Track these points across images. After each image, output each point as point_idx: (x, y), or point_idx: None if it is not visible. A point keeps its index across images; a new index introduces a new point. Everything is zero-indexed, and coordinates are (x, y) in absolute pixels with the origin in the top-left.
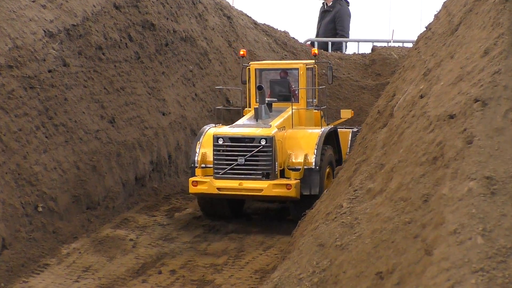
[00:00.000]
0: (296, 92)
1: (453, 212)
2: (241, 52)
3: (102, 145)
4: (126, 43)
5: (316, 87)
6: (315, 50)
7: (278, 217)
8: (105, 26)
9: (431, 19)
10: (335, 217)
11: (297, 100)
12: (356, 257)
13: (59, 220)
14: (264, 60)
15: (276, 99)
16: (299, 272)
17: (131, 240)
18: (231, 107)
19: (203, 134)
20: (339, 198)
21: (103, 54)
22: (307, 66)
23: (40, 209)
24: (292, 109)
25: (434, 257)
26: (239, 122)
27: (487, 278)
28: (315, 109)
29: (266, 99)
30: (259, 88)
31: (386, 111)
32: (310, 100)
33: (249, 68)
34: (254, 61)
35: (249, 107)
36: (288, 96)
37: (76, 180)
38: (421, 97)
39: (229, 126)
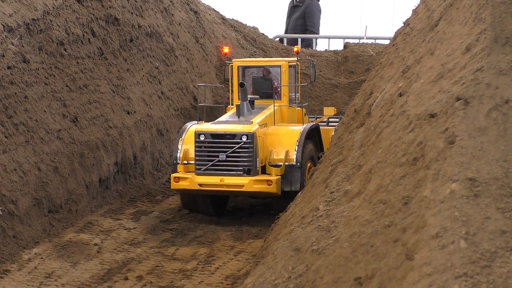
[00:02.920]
0: (279, 89)
1: (434, 215)
2: (225, 50)
3: (65, 145)
4: (88, 39)
5: (299, 84)
6: (297, 47)
7: (249, 216)
8: (66, 20)
9: (403, 15)
10: (311, 220)
11: (279, 98)
12: (334, 262)
13: (19, 224)
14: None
15: (258, 96)
16: (274, 277)
17: (95, 244)
18: (215, 105)
19: (185, 131)
20: (314, 200)
21: (65, 50)
22: (290, 64)
23: None
24: (274, 106)
25: (416, 262)
26: (221, 118)
27: (471, 283)
28: (298, 107)
29: (248, 96)
30: (241, 85)
31: (363, 110)
32: (292, 97)
33: (231, 66)
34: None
35: (232, 104)
36: (270, 93)
37: (37, 182)
38: (400, 95)
39: (210, 122)
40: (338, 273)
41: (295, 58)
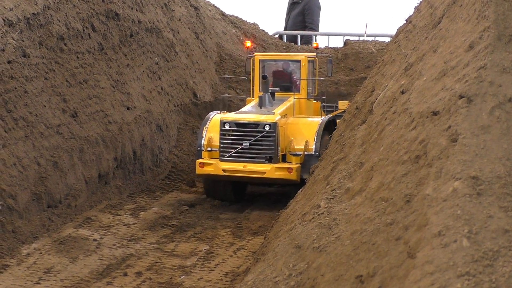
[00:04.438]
0: (298, 82)
1: (437, 213)
2: (248, 44)
3: (64, 140)
4: (89, 34)
5: (317, 78)
6: (316, 43)
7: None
8: (67, 15)
9: (403, 12)
10: (312, 218)
11: (298, 91)
12: (335, 259)
13: (18, 219)
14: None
15: (278, 89)
16: (274, 275)
17: (94, 240)
18: (236, 96)
19: (209, 119)
20: (316, 197)
21: (65, 44)
22: (309, 59)
23: None
24: (294, 98)
25: (418, 260)
26: (244, 108)
27: (473, 282)
28: (315, 100)
29: (270, 88)
30: (264, 77)
31: (365, 107)
32: (310, 90)
33: (253, 59)
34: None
35: (253, 96)
36: (289, 86)
37: (36, 177)
38: (402, 92)
39: (234, 112)
40: (339, 271)
41: (314, 54)
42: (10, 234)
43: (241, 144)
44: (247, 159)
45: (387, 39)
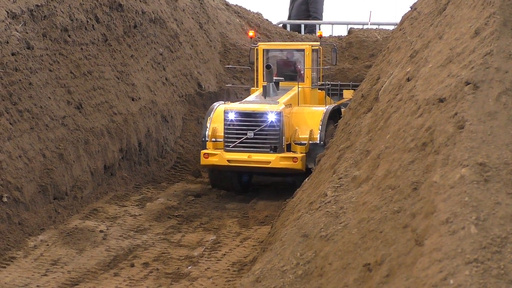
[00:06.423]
0: (302, 72)
1: (444, 200)
2: (250, 34)
3: (69, 132)
4: (93, 25)
5: (321, 67)
6: (320, 32)
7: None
8: (70, 6)
9: (406, 0)
10: (319, 206)
11: (302, 80)
12: (342, 248)
13: (25, 211)
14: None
15: (282, 78)
16: (282, 264)
17: (101, 231)
18: (240, 86)
19: (214, 110)
20: (322, 186)
21: (69, 36)
22: (313, 48)
23: (4, 199)
24: (298, 87)
25: (425, 247)
26: (248, 98)
27: (482, 269)
28: (319, 89)
29: (274, 78)
30: (268, 67)
31: (371, 95)
32: (314, 79)
33: (257, 49)
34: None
35: (257, 86)
36: (294, 75)
37: (42, 169)
38: (408, 80)
39: (239, 102)
40: (347, 259)
41: (318, 43)
42: (17, 227)
43: (246, 134)
44: (251, 149)
45: (391, 27)
